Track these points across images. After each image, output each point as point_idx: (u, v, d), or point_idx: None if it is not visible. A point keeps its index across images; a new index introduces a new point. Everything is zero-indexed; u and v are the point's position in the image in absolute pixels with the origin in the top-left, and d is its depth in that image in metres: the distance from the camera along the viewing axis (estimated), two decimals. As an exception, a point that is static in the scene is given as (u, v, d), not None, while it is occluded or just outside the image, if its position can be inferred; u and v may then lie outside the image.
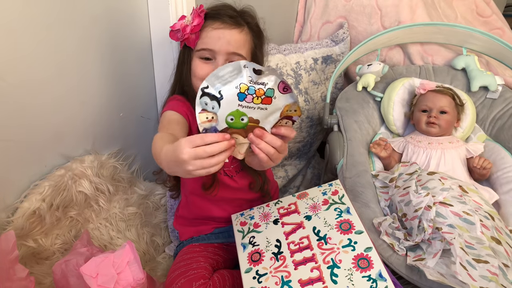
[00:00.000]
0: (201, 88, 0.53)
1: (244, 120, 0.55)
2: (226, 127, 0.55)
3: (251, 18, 0.79)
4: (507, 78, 1.16)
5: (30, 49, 0.72)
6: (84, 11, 0.80)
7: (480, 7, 1.42)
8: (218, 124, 0.54)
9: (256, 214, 0.78)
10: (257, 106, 0.54)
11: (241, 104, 0.54)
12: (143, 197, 1.04)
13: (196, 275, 0.73)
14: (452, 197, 0.85)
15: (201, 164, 0.49)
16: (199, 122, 0.54)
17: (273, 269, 0.66)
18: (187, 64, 0.78)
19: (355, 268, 0.61)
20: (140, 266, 0.62)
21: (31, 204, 0.77)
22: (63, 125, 0.83)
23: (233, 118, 0.54)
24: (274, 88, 0.54)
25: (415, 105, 1.10)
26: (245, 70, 0.53)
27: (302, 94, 1.23)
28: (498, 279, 0.71)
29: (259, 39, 0.81)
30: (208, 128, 0.54)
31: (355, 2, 1.30)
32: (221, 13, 0.75)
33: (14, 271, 0.63)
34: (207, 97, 0.53)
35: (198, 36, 0.74)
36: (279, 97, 0.55)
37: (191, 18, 0.74)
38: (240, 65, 0.53)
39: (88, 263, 0.62)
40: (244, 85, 0.53)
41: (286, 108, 0.56)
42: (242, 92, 0.53)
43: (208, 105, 0.54)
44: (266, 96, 0.54)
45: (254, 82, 0.53)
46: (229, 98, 0.53)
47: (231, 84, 0.53)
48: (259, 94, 0.54)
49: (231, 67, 0.53)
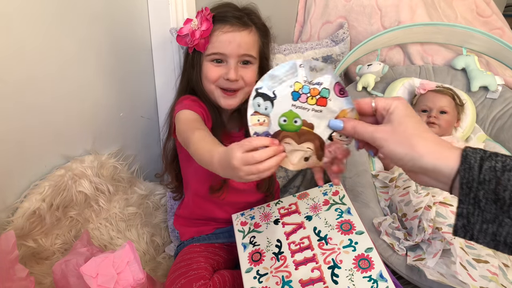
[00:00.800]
0: (255, 89, 0.52)
1: (298, 123, 0.52)
2: (279, 130, 0.52)
3: (257, 18, 0.79)
4: (507, 78, 1.17)
5: (30, 50, 0.72)
6: (84, 11, 0.79)
7: (480, 7, 1.42)
8: (270, 127, 0.52)
9: (257, 214, 0.78)
10: (311, 107, 0.51)
11: (294, 104, 0.51)
12: (143, 197, 1.04)
13: (196, 275, 0.73)
14: (452, 197, 0.85)
15: (250, 170, 0.50)
16: (250, 124, 0.52)
17: (274, 269, 0.66)
18: (197, 67, 0.77)
19: (355, 268, 0.61)
20: (140, 266, 0.62)
21: (31, 204, 0.77)
22: (63, 125, 0.83)
23: (286, 119, 0.51)
24: (329, 88, 0.51)
25: (415, 105, 1.10)
26: (300, 69, 0.51)
27: (302, 94, 1.23)
28: (498, 279, 0.71)
29: (266, 38, 0.81)
30: (259, 132, 0.52)
31: (355, 2, 1.30)
32: (228, 15, 0.74)
33: (14, 271, 0.63)
34: (261, 98, 0.51)
35: (208, 40, 0.73)
36: (334, 99, 0.51)
37: (198, 22, 0.73)
38: (296, 64, 0.51)
39: (88, 263, 0.62)
40: (299, 84, 0.51)
41: (342, 115, 0.51)
42: (296, 91, 0.51)
43: (261, 106, 0.51)
44: (321, 96, 0.51)
45: (309, 82, 0.51)
46: (282, 97, 0.51)
47: (285, 83, 0.51)
48: (313, 93, 0.51)
49: (287, 66, 0.51)
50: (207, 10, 0.73)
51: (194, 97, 0.79)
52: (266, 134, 0.52)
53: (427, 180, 0.43)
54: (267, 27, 0.81)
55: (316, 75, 0.51)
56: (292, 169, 0.53)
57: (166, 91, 1.01)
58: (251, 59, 0.76)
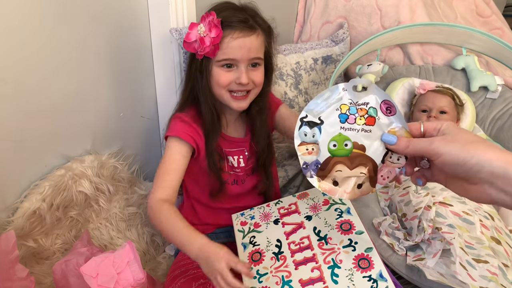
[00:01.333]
0: (300, 119, 0.51)
1: (348, 146, 0.50)
2: (329, 157, 0.50)
3: (261, 19, 0.79)
4: (506, 78, 1.17)
5: (30, 50, 0.72)
6: (84, 11, 0.80)
7: (480, 7, 1.42)
8: (320, 155, 0.50)
9: (257, 214, 0.78)
10: (361, 127, 0.49)
11: (343, 126, 0.50)
12: (143, 197, 1.04)
13: (196, 274, 0.73)
14: (451, 197, 0.85)
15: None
16: (299, 154, 0.51)
17: (274, 269, 0.66)
18: (206, 73, 0.77)
19: (355, 268, 0.61)
20: (140, 266, 0.62)
21: (31, 204, 0.77)
22: (63, 125, 0.83)
23: (336, 143, 0.50)
24: (376, 107, 0.50)
25: (415, 105, 1.10)
26: (344, 93, 0.50)
27: (302, 94, 1.23)
28: (498, 279, 0.71)
29: (270, 38, 0.82)
30: (308, 163, 0.51)
31: (355, 2, 1.30)
32: (234, 20, 0.74)
33: (14, 271, 0.63)
34: (307, 127, 0.51)
35: (218, 47, 0.73)
36: (383, 117, 0.50)
37: (206, 29, 0.72)
38: (339, 88, 0.50)
39: (88, 263, 0.62)
40: (345, 106, 0.50)
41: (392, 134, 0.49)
42: (344, 112, 0.50)
43: (307, 135, 0.51)
44: (369, 115, 0.49)
45: (355, 103, 0.50)
46: (330, 121, 0.50)
47: (331, 108, 0.50)
48: (361, 113, 0.50)
49: (329, 92, 0.50)
50: (214, 15, 0.72)
51: (186, 117, 0.79)
52: (316, 163, 0.51)
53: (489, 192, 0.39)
54: (271, 27, 0.82)
55: (360, 95, 0.50)
56: (347, 198, 0.51)
57: (166, 91, 1.01)
58: (259, 61, 0.78)
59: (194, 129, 0.78)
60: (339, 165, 0.50)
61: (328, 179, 0.51)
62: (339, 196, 0.50)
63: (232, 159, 0.86)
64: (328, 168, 0.50)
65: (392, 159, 0.49)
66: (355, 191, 0.51)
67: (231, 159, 0.86)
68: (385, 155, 0.49)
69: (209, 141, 0.79)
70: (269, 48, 0.81)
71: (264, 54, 0.80)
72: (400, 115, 0.49)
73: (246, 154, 0.86)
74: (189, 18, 0.93)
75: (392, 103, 0.49)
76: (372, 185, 0.50)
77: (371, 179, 0.50)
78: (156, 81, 1.02)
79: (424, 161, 0.47)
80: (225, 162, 0.85)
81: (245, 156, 0.86)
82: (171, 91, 1.00)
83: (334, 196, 0.50)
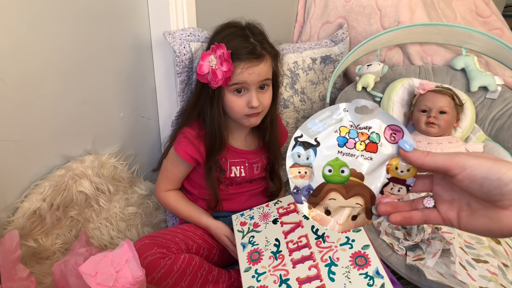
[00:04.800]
0: (294, 138, 0.46)
1: (345, 173, 0.44)
2: (323, 183, 0.45)
3: (268, 45, 0.81)
4: (506, 78, 1.16)
5: (30, 49, 0.72)
6: (84, 11, 0.80)
7: (480, 7, 1.42)
8: (312, 180, 0.45)
9: (256, 214, 0.79)
10: (360, 153, 0.44)
11: (341, 150, 0.45)
12: (143, 197, 1.05)
13: (164, 243, 0.76)
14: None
15: None
16: (290, 177, 0.46)
17: (272, 267, 0.66)
18: (218, 100, 0.80)
19: (352, 265, 0.61)
20: (139, 263, 0.62)
21: (32, 204, 0.77)
22: (63, 125, 0.83)
23: (332, 169, 0.45)
24: (379, 133, 0.44)
25: (414, 105, 1.10)
26: (345, 113, 0.45)
27: (298, 94, 1.23)
28: (497, 278, 0.71)
29: (277, 60, 0.85)
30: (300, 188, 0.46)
31: (354, 3, 1.31)
32: (242, 52, 0.76)
33: (15, 271, 0.63)
34: (301, 147, 0.46)
35: (230, 78, 0.76)
36: (386, 145, 0.44)
37: (217, 62, 0.75)
38: (340, 108, 0.45)
39: (87, 262, 0.62)
40: (345, 128, 0.45)
41: (394, 164, 0.43)
42: (343, 136, 0.45)
43: (301, 157, 0.46)
44: (370, 141, 0.44)
45: (356, 126, 0.45)
46: (327, 144, 0.45)
47: (329, 129, 0.45)
48: (362, 138, 0.45)
49: (329, 111, 0.46)
50: (223, 48, 0.74)
51: (191, 133, 0.85)
52: (308, 189, 0.45)
53: None
54: (278, 51, 0.85)
55: (363, 118, 0.45)
56: (339, 230, 0.46)
57: (166, 91, 1.02)
58: (267, 81, 0.82)
59: (195, 148, 0.84)
60: (333, 193, 0.45)
61: (320, 207, 0.45)
62: (331, 227, 0.45)
63: (234, 169, 0.89)
64: (321, 195, 0.45)
65: (392, 190, 0.44)
66: (349, 223, 0.45)
67: (234, 169, 0.89)
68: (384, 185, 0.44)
69: (210, 158, 0.84)
70: (276, 69, 0.85)
71: (272, 75, 0.84)
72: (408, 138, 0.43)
73: (246, 165, 0.90)
74: (189, 18, 0.94)
75: (400, 127, 0.44)
76: (368, 217, 0.45)
77: (368, 210, 0.45)
78: (156, 81, 1.02)
79: (427, 198, 0.42)
80: (227, 173, 0.89)
81: (245, 166, 0.90)
82: (171, 91, 1.01)
83: (325, 227, 0.45)
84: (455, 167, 0.36)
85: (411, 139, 0.43)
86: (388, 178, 0.44)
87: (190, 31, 0.89)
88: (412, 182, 0.43)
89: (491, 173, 0.33)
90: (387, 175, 0.44)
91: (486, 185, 0.34)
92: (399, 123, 0.44)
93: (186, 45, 0.87)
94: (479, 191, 0.35)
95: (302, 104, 1.24)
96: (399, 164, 0.43)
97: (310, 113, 1.28)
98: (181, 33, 0.87)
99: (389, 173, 0.44)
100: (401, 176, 0.43)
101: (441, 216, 0.40)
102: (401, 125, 0.44)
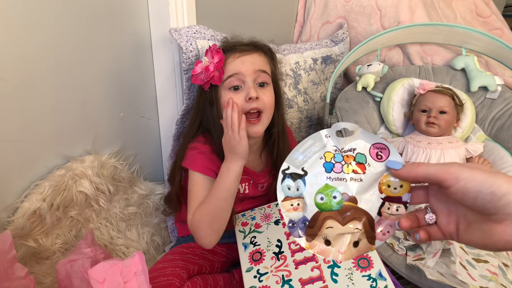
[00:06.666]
0: (281, 171, 0.46)
1: (337, 198, 0.44)
2: (317, 212, 0.44)
3: (264, 45, 0.81)
4: (506, 78, 1.17)
5: (30, 49, 0.72)
6: (84, 11, 0.80)
7: (480, 7, 1.43)
8: (306, 210, 0.44)
9: (258, 214, 0.79)
10: (349, 176, 0.44)
11: (329, 176, 0.44)
12: (143, 197, 1.04)
13: (165, 282, 0.73)
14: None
15: None
16: (283, 211, 0.45)
17: (274, 268, 0.66)
18: (216, 101, 0.77)
19: (355, 267, 0.61)
20: (147, 278, 0.60)
21: (32, 204, 0.77)
22: (63, 125, 0.83)
23: (323, 196, 0.44)
24: (365, 153, 0.44)
25: (414, 105, 1.10)
26: (327, 140, 0.45)
27: (301, 94, 1.23)
28: (498, 278, 0.71)
29: (273, 61, 0.83)
30: (295, 221, 0.45)
31: (354, 3, 1.31)
32: (236, 45, 0.77)
33: (12, 271, 0.63)
34: (290, 179, 0.45)
35: (223, 71, 0.74)
36: (373, 164, 0.44)
37: (210, 58, 0.74)
38: (321, 135, 0.46)
39: (97, 267, 0.61)
40: (330, 153, 0.45)
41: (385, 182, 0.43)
42: (328, 161, 0.45)
43: (291, 189, 0.45)
44: (357, 162, 0.44)
45: (340, 150, 0.45)
46: (314, 172, 0.45)
47: (314, 157, 0.45)
48: (347, 160, 0.44)
49: (311, 140, 0.46)
50: (215, 45, 0.75)
51: (203, 147, 0.79)
52: (303, 221, 0.44)
53: None
54: (273, 53, 0.83)
55: (346, 140, 0.45)
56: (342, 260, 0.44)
57: (166, 91, 1.01)
58: (266, 78, 0.77)
59: (212, 161, 0.78)
60: (329, 221, 0.43)
61: (318, 238, 0.43)
62: (333, 258, 0.43)
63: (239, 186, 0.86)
64: (318, 225, 0.43)
65: (390, 210, 0.43)
66: (352, 251, 0.43)
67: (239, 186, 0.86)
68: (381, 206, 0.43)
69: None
70: (274, 70, 0.82)
71: (272, 75, 0.80)
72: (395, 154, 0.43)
73: (251, 182, 0.87)
74: (189, 18, 0.93)
75: (385, 144, 0.44)
76: (371, 242, 0.43)
77: (368, 234, 0.43)
78: (156, 81, 1.02)
79: (429, 214, 0.41)
80: None
81: (249, 183, 0.87)
82: (171, 91, 1.00)
83: (328, 258, 0.43)
84: (448, 179, 0.35)
85: (398, 156, 0.42)
86: (382, 198, 0.43)
87: (196, 29, 0.89)
88: (408, 198, 0.42)
89: (485, 187, 0.33)
90: (380, 195, 0.43)
91: (479, 199, 0.33)
92: (382, 141, 0.44)
93: (192, 42, 0.86)
94: (473, 204, 0.34)
95: (305, 104, 1.25)
96: (391, 182, 0.42)
97: (312, 113, 1.28)
98: (187, 30, 0.87)
99: (382, 192, 0.43)
100: (395, 193, 0.42)
101: (442, 231, 0.40)
102: (385, 142, 0.44)
